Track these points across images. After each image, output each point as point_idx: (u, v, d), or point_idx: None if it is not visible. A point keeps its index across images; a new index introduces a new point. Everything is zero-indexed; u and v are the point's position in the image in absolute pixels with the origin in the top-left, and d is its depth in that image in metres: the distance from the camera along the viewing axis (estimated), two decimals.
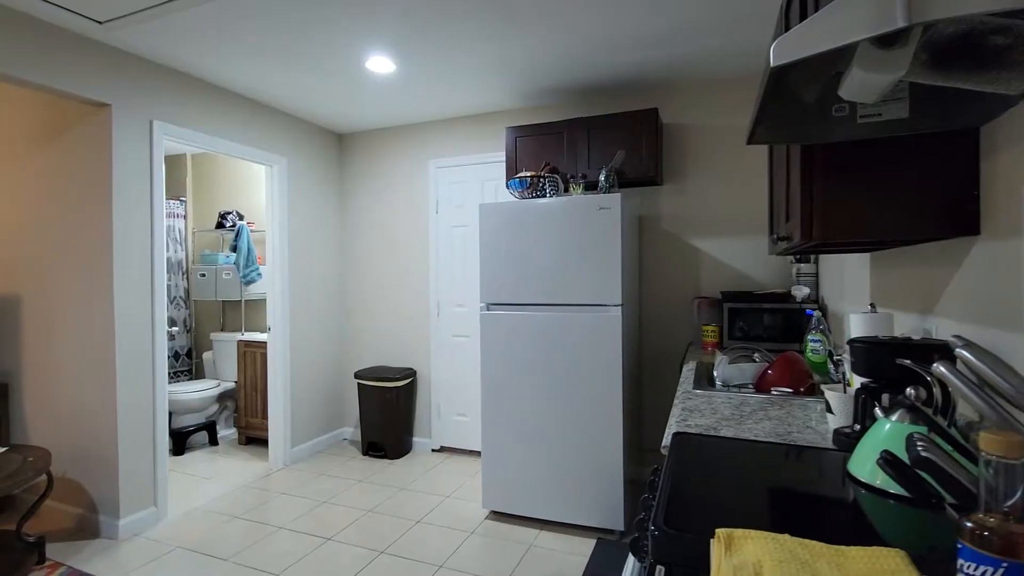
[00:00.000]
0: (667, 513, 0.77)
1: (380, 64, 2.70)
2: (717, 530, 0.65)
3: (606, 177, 2.67)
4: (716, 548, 0.62)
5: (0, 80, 2.16)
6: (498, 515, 2.72)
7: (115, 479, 2.52)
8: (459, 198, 3.62)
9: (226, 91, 3.05)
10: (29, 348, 2.78)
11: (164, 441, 2.71)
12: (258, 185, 4.23)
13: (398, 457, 3.58)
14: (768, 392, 1.67)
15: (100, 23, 2.23)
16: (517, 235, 2.62)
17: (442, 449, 3.72)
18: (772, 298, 2.56)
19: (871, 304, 1.37)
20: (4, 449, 2.34)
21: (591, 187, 2.92)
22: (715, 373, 1.90)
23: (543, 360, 2.56)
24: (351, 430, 4.00)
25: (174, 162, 4.51)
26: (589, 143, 2.93)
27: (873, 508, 0.81)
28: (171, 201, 4.25)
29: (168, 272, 4.14)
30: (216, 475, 3.30)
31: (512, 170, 3.10)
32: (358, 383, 3.62)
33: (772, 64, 0.69)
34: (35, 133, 2.72)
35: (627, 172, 2.85)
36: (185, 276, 4.35)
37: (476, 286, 3.57)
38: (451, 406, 3.66)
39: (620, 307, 2.43)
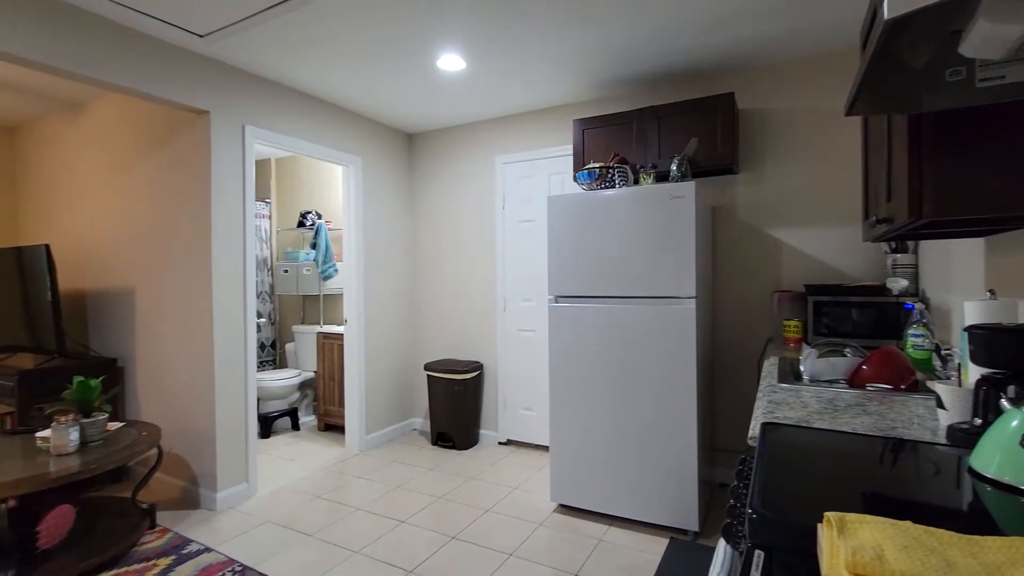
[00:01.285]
0: (764, 497, 0.74)
1: (451, 62, 2.76)
2: (826, 513, 0.61)
3: (678, 166, 2.59)
4: (827, 532, 0.59)
5: (117, 91, 2.42)
6: (566, 508, 2.71)
7: (213, 456, 2.74)
8: (525, 193, 3.64)
9: (308, 96, 3.24)
10: (141, 335, 3.09)
11: (254, 424, 2.92)
12: (335, 186, 4.46)
13: (466, 448, 3.65)
14: (863, 388, 1.56)
15: (201, 36, 2.44)
16: (586, 227, 2.59)
17: (508, 442, 3.75)
18: (865, 291, 2.37)
19: (989, 291, 1.24)
20: (122, 424, 2.62)
21: (662, 177, 2.84)
22: (801, 368, 1.79)
23: (613, 353, 2.52)
24: (421, 420, 4.13)
25: (260, 166, 4.85)
26: (659, 132, 2.85)
27: (1001, 505, 0.73)
28: (257, 203, 4.57)
29: (255, 268, 4.46)
30: (298, 458, 3.51)
31: (580, 163, 3.07)
32: (427, 375, 3.73)
33: (887, 16, 0.64)
34: (146, 142, 3.02)
35: (700, 161, 2.75)
36: (270, 272, 4.66)
37: (542, 281, 3.58)
38: (517, 400, 3.69)
39: (694, 299, 2.35)
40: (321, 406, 4.09)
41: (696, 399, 2.34)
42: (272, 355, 4.71)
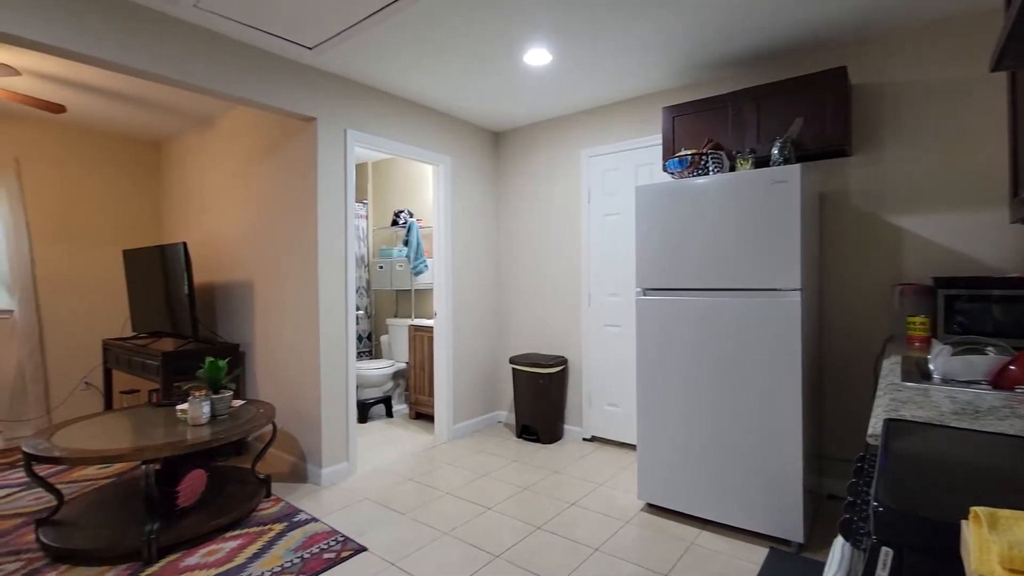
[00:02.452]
0: (893, 492, 0.66)
1: (537, 57, 2.78)
2: (973, 508, 0.54)
3: (780, 149, 2.41)
4: (973, 528, 0.52)
5: (237, 102, 2.70)
6: (654, 508, 2.62)
7: (318, 435, 2.98)
8: (611, 186, 3.58)
9: (401, 99, 3.41)
10: (259, 323, 3.43)
11: (353, 408, 3.13)
12: (426, 185, 4.66)
13: (550, 442, 3.66)
14: (1011, 390, 1.35)
15: (310, 48, 2.66)
16: (676, 216, 2.49)
17: (593, 439, 3.71)
18: (1012, 283, 2.06)
19: None
20: (243, 402, 2.92)
21: (762, 162, 2.66)
22: (931, 367, 1.59)
23: (707, 349, 2.40)
24: (505, 413, 4.20)
25: (359, 170, 5.19)
26: (758, 115, 2.67)
27: None
28: (356, 204, 4.90)
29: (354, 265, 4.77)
30: (392, 442, 3.72)
31: (669, 151, 2.96)
32: (512, 368, 3.79)
33: None
34: (263, 149, 3.34)
35: (806, 143, 2.54)
36: (367, 269, 4.97)
37: (628, 275, 3.49)
38: (602, 396, 3.63)
39: (799, 291, 2.17)
40: (412, 395, 4.29)
41: (801, 400, 2.16)
42: (368, 346, 5.02)
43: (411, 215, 4.65)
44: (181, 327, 3.39)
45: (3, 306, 3.72)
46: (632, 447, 3.53)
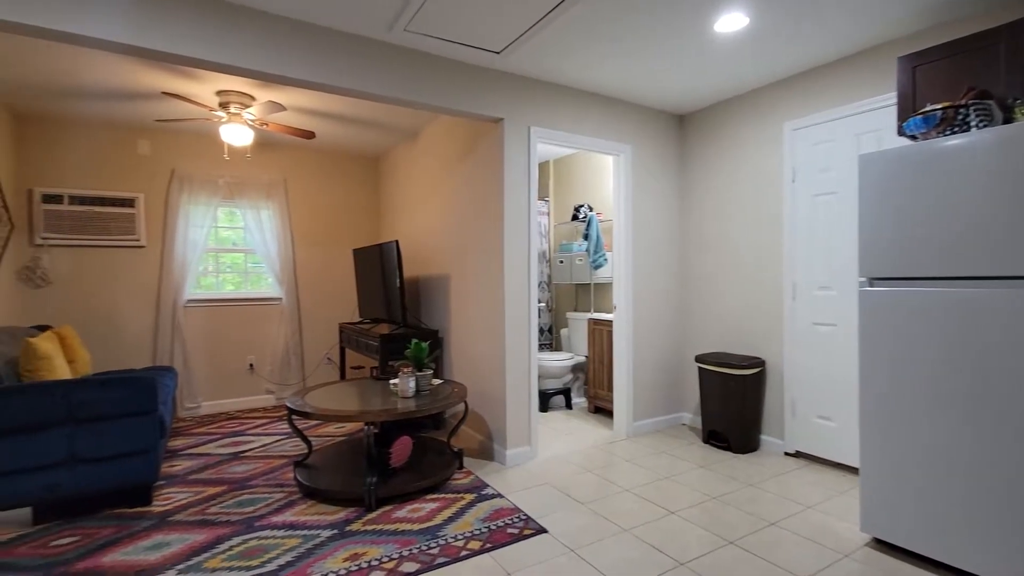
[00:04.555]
0: None
1: (731, 22, 2.51)
2: None
3: None
4: None
5: (434, 111, 3.00)
6: (883, 545, 2.16)
7: (503, 417, 3.16)
8: (822, 161, 3.06)
9: (581, 91, 3.42)
10: (453, 311, 3.79)
11: (535, 396, 3.24)
12: (606, 178, 4.61)
13: (743, 452, 3.29)
14: None
15: (498, 52, 2.83)
16: (918, 187, 2.01)
17: (798, 454, 3.22)
18: None
19: None
20: (441, 381, 3.25)
21: None
22: None
23: (964, 353, 1.88)
24: (690, 416, 3.92)
25: (541, 169, 5.39)
26: None
27: None
28: (538, 201, 5.08)
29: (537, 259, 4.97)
30: (570, 433, 3.76)
31: (908, 110, 2.40)
32: (699, 367, 3.51)
33: None
34: (458, 153, 3.68)
35: None
36: (547, 264, 5.13)
37: (845, 264, 2.95)
38: (810, 406, 3.13)
39: None
40: (591, 388, 4.29)
41: None
42: (549, 339, 5.18)
43: (591, 209, 4.65)
44: (394, 314, 3.92)
45: (276, 295, 4.78)
46: (851, 469, 2.97)
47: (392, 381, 3.06)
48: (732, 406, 3.29)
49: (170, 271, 4.26)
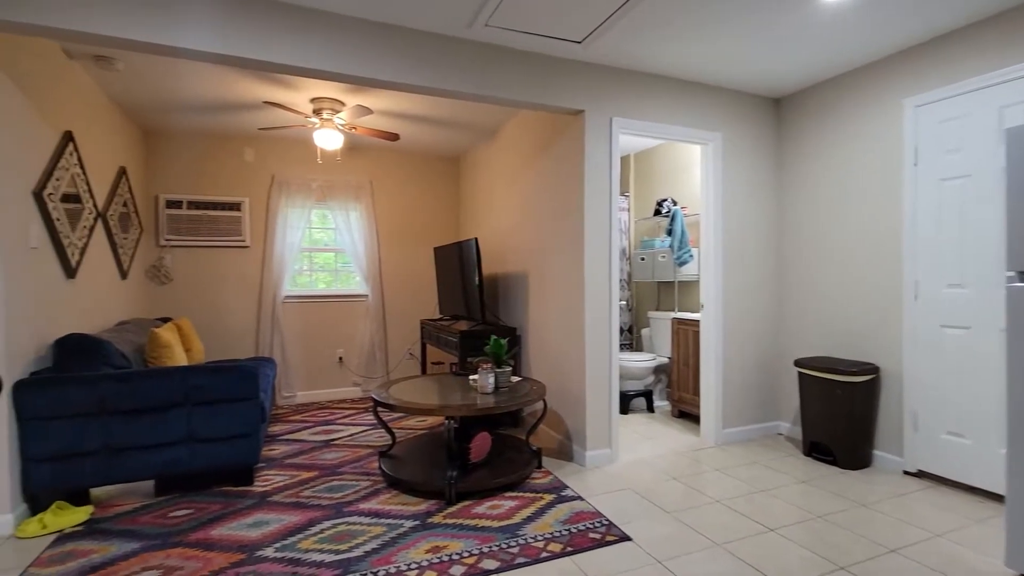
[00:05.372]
0: None
1: None
2: None
3: None
4: None
5: (516, 106, 2.97)
6: None
7: (583, 418, 3.07)
8: (953, 140, 2.68)
9: (665, 78, 3.25)
10: (531, 308, 3.75)
11: (616, 397, 3.12)
12: (691, 170, 4.37)
13: (852, 468, 2.96)
14: None
15: (579, 42, 2.75)
16: None
17: (920, 474, 2.84)
18: None
19: None
20: (519, 378, 3.22)
21: None
22: None
23: None
24: (787, 425, 3.60)
25: (620, 164, 5.21)
26: None
27: None
28: (618, 196, 4.92)
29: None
30: (653, 437, 3.59)
31: None
32: (799, 372, 3.21)
33: None
34: (537, 148, 3.64)
35: None
36: (627, 261, 4.96)
37: (981, 257, 2.55)
38: (937, 419, 2.75)
39: None
40: (675, 392, 4.07)
41: None
42: (628, 339, 5.00)
43: (674, 203, 4.43)
44: (473, 311, 3.96)
45: (362, 292, 5.01)
46: (992, 495, 2.57)
47: (472, 377, 3.08)
48: (839, 416, 2.97)
49: (270, 269, 4.60)
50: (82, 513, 2.38)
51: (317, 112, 3.62)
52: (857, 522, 2.33)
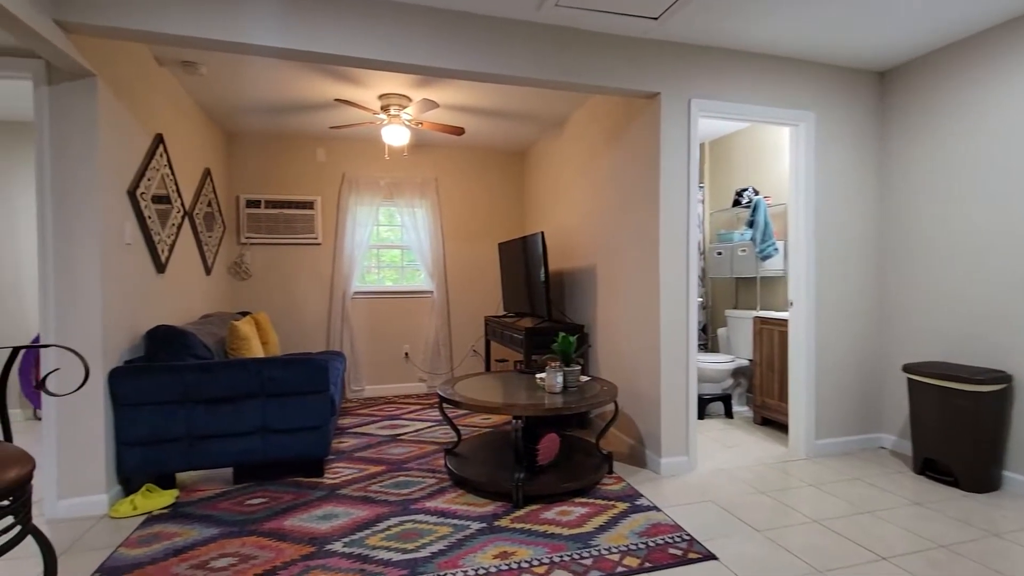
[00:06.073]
0: None
1: None
2: None
3: None
4: None
5: (586, 91, 2.82)
6: None
7: (658, 422, 2.87)
8: None
9: (749, 54, 2.97)
10: (600, 304, 3.58)
11: (694, 400, 2.89)
12: (776, 156, 4.02)
13: (977, 491, 2.57)
14: None
15: (655, 19, 2.56)
16: None
17: None
18: None
19: None
20: (588, 378, 3.07)
21: None
22: None
23: None
24: (892, 438, 3.21)
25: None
26: None
27: None
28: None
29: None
30: (733, 446, 3.31)
31: None
32: (909, 379, 2.83)
33: None
34: (608, 135, 3.46)
35: None
36: (702, 256, 4.65)
37: None
38: None
39: None
40: (757, 397, 3.76)
41: None
42: (703, 339, 4.69)
43: (756, 192, 4.09)
44: (538, 307, 3.84)
45: (427, 289, 5.03)
46: None
47: (539, 375, 2.96)
48: (960, 430, 2.59)
49: (340, 266, 4.71)
50: (168, 496, 2.50)
51: (385, 108, 3.64)
52: (990, 555, 1.99)
